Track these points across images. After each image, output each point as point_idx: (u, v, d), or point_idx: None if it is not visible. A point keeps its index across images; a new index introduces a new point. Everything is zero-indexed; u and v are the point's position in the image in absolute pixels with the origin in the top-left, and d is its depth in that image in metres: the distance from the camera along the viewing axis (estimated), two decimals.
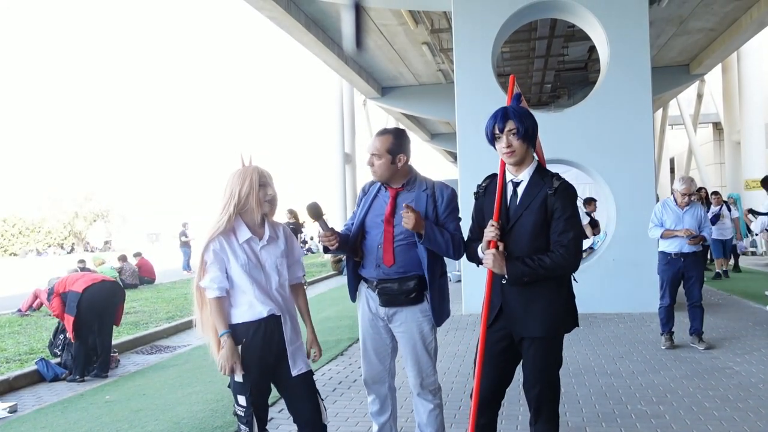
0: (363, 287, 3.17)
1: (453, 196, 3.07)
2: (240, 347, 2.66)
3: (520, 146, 2.60)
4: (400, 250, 3.00)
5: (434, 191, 3.04)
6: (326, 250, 3.03)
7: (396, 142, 3.00)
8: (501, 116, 2.61)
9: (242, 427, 2.69)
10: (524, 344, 2.65)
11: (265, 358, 2.69)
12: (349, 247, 3.12)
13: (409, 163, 3.09)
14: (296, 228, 12.59)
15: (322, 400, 2.84)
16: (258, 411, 2.69)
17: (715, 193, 12.16)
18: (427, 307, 3.03)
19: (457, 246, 2.96)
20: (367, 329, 3.17)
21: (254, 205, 2.70)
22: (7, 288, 17.30)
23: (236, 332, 2.70)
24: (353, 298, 3.24)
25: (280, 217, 2.91)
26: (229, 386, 2.74)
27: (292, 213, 12.63)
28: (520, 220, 2.63)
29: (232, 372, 2.63)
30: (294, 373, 2.73)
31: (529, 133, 2.59)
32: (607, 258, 8.21)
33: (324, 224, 2.90)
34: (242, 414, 2.67)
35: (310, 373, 2.81)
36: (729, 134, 21.04)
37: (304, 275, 2.85)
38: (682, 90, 19.37)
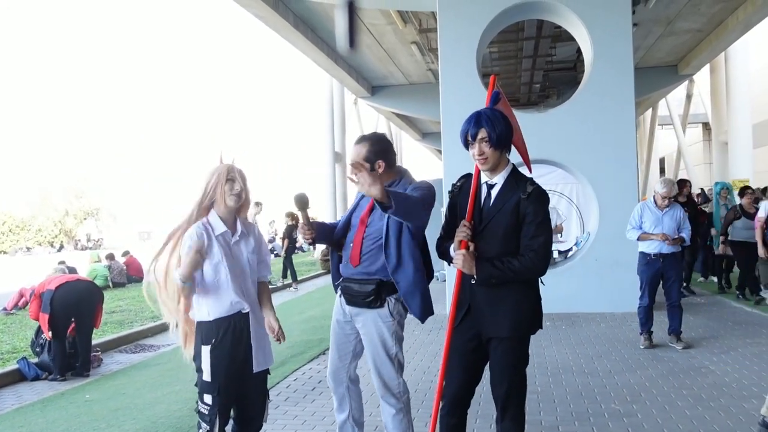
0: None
1: (423, 184, 2.99)
2: (209, 347, 2.69)
3: (493, 153, 2.61)
4: (370, 253, 3.00)
5: (409, 186, 3.00)
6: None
7: (372, 149, 2.96)
8: (474, 122, 2.60)
9: (203, 425, 2.72)
10: (492, 344, 2.69)
11: (235, 357, 2.73)
12: (335, 242, 3.14)
13: (396, 165, 3.07)
14: (293, 228, 12.69)
15: (269, 401, 2.98)
16: (222, 410, 2.72)
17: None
18: (387, 312, 3.02)
19: (427, 204, 2.87)
20: (335, 325, 3.22)
21: (219, 197, 2.79)
22: None
23: (205, 331, 2.72)
24: (337, 290, 3.27)
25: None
26: (195, 385, 2.76)
27: (292, 216, 12.74)
28: (492, 222, 2.65)
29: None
30: (255, 369, 2.79)
31: (502, 139, 2.60)
32: (590, 258, 8.27)
33: (305, 216, 2.94)
34: (206, 412, 2.71)
35: (266, 372, 2.90)
36: (716, 134, 21.15)
37: (270, 275, 2.94)
38: (670, 90, 19.48)
